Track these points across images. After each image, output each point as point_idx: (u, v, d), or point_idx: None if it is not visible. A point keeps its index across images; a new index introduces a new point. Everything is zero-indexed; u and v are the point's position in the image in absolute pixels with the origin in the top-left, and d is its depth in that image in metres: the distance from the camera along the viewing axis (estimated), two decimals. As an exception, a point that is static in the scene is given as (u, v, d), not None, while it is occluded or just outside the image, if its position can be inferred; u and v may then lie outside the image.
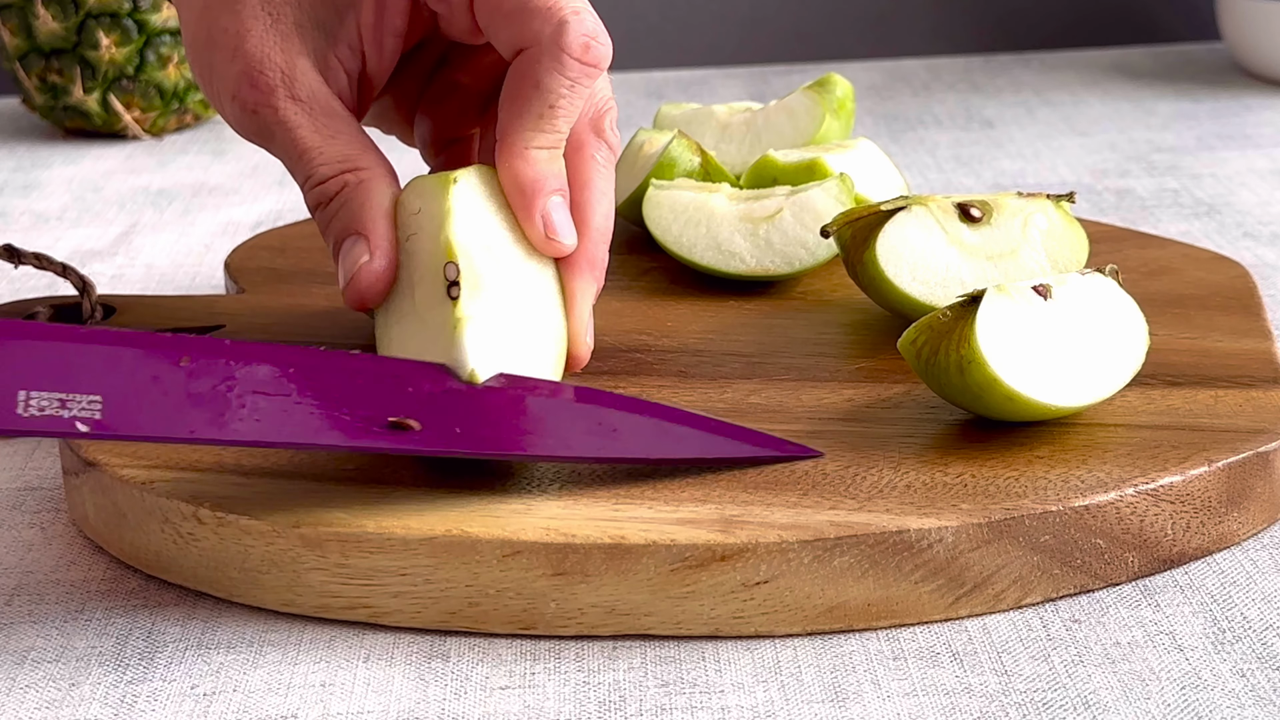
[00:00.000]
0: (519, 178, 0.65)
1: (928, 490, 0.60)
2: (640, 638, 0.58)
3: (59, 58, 1.18)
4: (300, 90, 0.66)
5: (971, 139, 1.16)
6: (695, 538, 0.57)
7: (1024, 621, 0.58)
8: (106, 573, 0.63)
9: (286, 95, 0.66)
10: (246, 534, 0.59)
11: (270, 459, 0.63)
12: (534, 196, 0.65)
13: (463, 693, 0.56)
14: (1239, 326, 0.72)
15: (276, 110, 0.66)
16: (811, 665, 0.56)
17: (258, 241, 0.87)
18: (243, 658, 0.58)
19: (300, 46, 0.66)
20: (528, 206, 0.65)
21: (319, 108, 0.66)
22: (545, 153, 0.65)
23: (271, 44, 0.66)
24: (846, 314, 0.75)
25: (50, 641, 0.59)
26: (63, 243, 1.01)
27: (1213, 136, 1.14)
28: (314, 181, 0.66)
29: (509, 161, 0.65)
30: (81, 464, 0.64)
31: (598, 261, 0.66)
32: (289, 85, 0.66)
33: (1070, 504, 0.59)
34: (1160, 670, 0.55)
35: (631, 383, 0.68)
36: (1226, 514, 0.61)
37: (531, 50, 0.65)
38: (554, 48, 0.64)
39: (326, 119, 0.66)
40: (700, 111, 0.91)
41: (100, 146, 1.21)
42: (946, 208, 0.72)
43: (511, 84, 0.65)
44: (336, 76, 0.67)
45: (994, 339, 0.61)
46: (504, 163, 0.65)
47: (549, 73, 0.64)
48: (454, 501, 0.60)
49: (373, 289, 0.64)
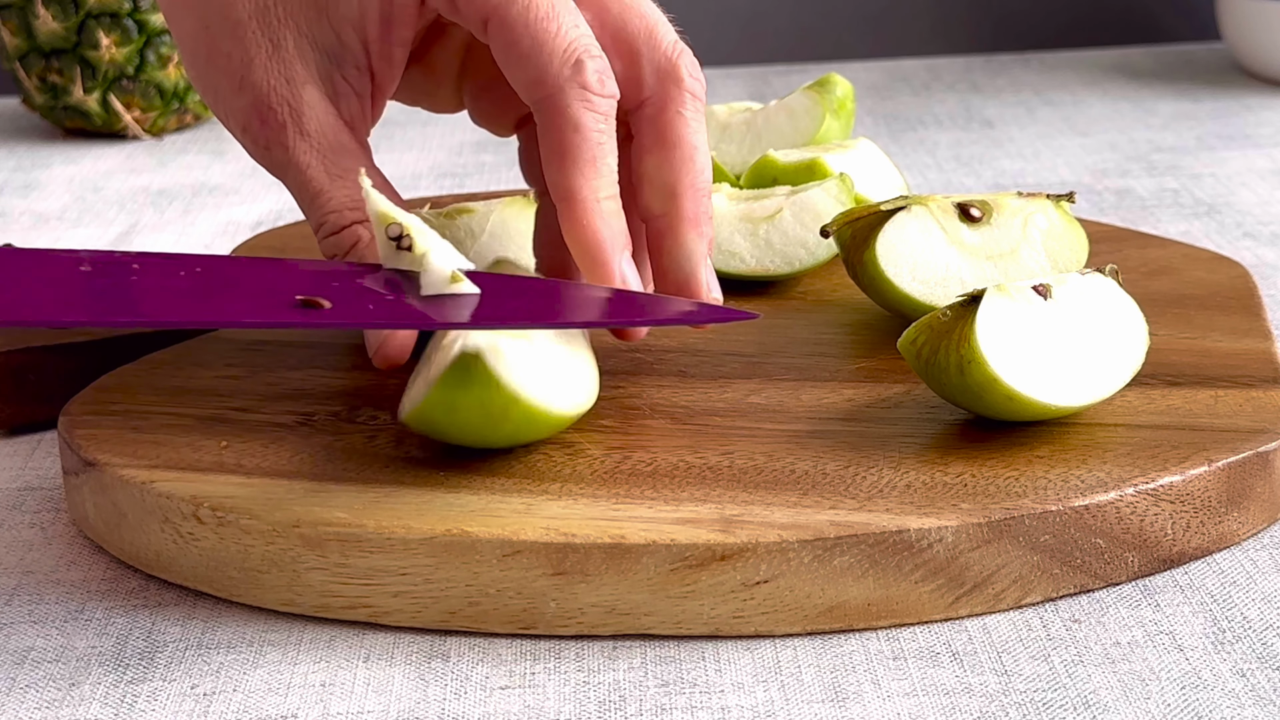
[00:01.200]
0: (598, 236, 0.63)
1: (928, 490, 0.60)
2: (640, 637, 0.58)
3: (59, 58, 1.18)
4: (309, 124, 0.65)
5: (971, 139, 1.16)
6: (695, 537, 0.57)
7: (1024, 621, 0.58)
8: (106, 572, 0.63)
9: (296, 132, 0.65)
10: (246, 534, 0.59)
11: (271, 459, 0.63)
12: (612, 255, 0.64)
13: (463, 693, 0.56)
14: (1239, 326, 0.72)
15: (287, 149, 0.65)
16: (811, 665, 0.56)
17: (258, 242, 0.87)
18: (243, 657, 0.58)
19: (305, 74, 0.65)
20: (606, 267, 0.63)
21: (328, 143, 0.65)
22: (613, 204, 0.64)
23: (276, 75, 0.65)
24: (846, 314, 0.75)
25: (50, 641, 0.59)
26: (62, 243, 1.01)
27: (1213, 136, 1.14)
28: (327, 230, 0.65)
29: (584, 219, 0.63)
30: (81, 463, 0.64)
31: (704, 218, 0.66)
32: (297, 120, 0.65)
33: (1070, 504, 0.59)
34: (1160, 670, 0.55)
35: (630, 382, 0.69)
36: (1226, 514, 0.61)
37: (554, 97, 0.64)
38: (574, 86, 0.63)
39: (336, 156, 0.65)
40: (700, 111, 0.91)
41: (100, 146, 1.21)
42: (946, 208, 0.72)
43: (549, 135, 0.64)
44: (347, 102, 0.66)
45: (994, 339, 0.61)
46: (577, 220, 0.63)
47: (582, 112, 0.63)
48: (454, 501, 0.60)
49: (403, 353, 0.64)
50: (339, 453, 0.64)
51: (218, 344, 0.73)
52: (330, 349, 0.72)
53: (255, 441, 0.65)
